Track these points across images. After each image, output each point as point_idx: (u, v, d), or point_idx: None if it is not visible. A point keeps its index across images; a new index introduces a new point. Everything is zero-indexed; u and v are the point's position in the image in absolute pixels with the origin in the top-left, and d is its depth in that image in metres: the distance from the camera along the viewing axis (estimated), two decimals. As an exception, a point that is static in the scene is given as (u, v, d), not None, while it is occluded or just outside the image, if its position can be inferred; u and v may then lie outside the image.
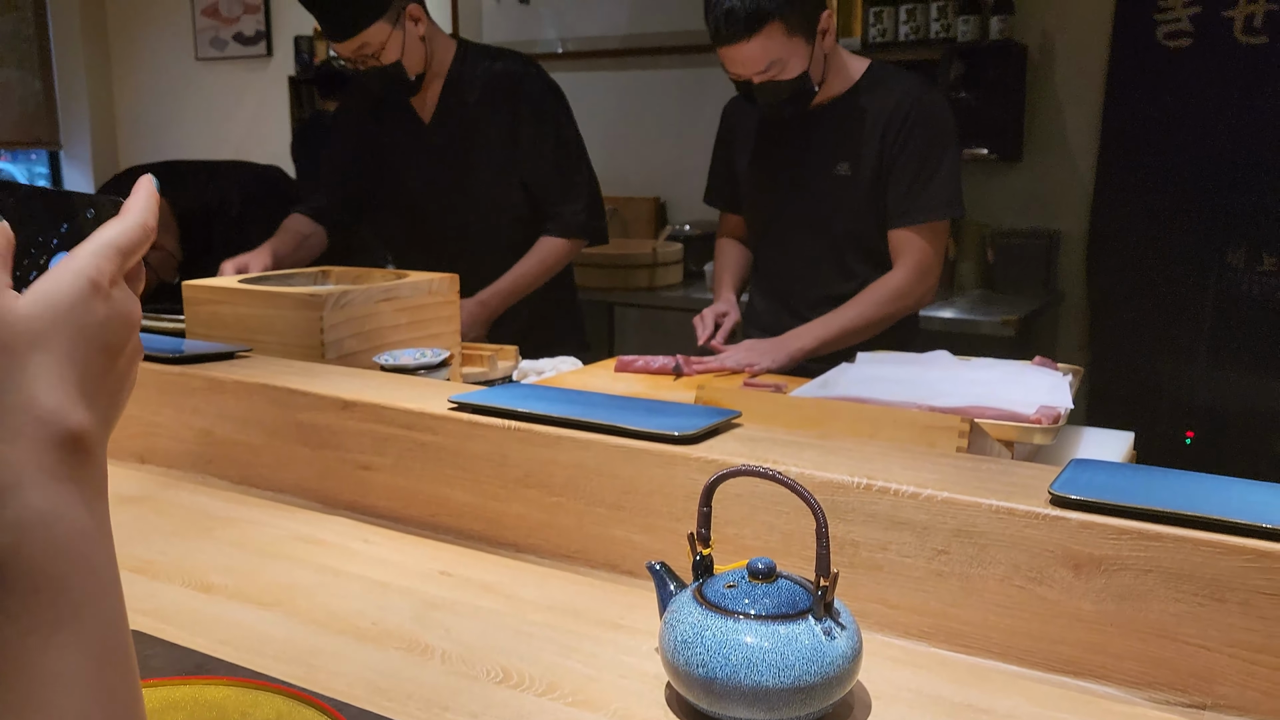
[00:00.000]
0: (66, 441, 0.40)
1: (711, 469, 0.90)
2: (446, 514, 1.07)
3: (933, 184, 1.84)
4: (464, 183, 2.23)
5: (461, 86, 2.20)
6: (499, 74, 2.20)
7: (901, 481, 0.84)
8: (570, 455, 0.98)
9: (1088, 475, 0.82)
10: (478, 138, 2.20)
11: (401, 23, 2.06)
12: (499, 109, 2.19)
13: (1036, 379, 1.39)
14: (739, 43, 1.72)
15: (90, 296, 0.42)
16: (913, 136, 1.84)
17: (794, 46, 1.75)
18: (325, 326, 1.48)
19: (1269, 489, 0.79)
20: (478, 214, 2.25)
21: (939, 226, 1.88)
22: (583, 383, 1.65)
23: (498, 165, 2.21)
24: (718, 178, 2.16)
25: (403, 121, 2.25)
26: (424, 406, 1.08)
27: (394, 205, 2.33)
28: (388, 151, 2.28)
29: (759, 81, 1.78)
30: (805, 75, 1.79)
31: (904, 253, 1.87)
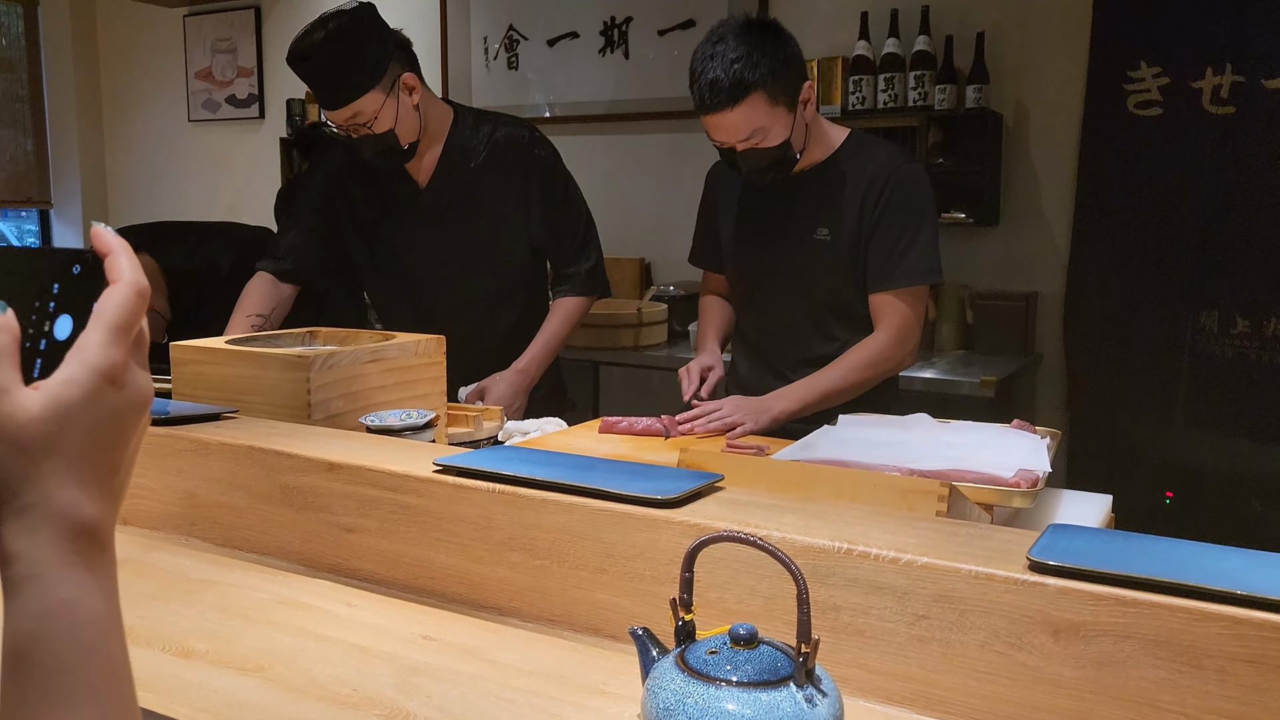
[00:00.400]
0: (82, 533, 0.42)
1: (694, 533, 0.91)
2: (430, 577, 1.07)
3: (913, 250, 1.88)
4: (467, 246, 2.24)
5: (463, 151, 2.21)
6: (504, 139, 2.22)
7: (882, 546, 0.85)
8: (555, 519, 0.99)
9: (1065, 540, 0.83)
10: (483, 201, 2.21)
11: (395, 92, 2.08)
12: (508, 172, 2.20)
13: (1015, 442, 1.40)
14: (722, 111, 1.76)
15: (103, 390, 0.43)
16: (892, 204, 1.88)
17: (776, 116, 1.79)
18: (312, 388, 1.48)
19: (1243, 555, 0.81)
20: (482, 276, 2.27)
21: (919, 291, 1.92)
22: (567, 444, 1.66)
23: (507, 227, 2.23)
24: (702, 240, 2.20)
25: (396, 185, 2.24)
26: (409, 469, 1.08)
27: (386, 268, 2.32)
28: (379, 214, 2.28)
29: (742, 149, 1.82)
30: (787, 143, 1.84)
31: (884, 316, 1.91)
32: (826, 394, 1.86)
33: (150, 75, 6.01)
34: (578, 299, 2.27)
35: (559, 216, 2.24)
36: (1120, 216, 3.52)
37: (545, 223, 2.23)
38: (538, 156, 2.22)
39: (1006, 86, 3.65)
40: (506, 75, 4.81)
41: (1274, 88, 3.29)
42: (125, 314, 0.45)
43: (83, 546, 0.42)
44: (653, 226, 4.48)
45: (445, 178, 2.22)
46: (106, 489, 0.43)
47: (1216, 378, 3.47)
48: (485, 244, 2.24)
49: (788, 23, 4.17)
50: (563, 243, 2.25)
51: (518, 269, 2.28)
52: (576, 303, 2.27)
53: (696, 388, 1.93)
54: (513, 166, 2.21)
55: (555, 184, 2.24)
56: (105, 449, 0.43)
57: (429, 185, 2.23)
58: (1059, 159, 3.64)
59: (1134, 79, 3.49)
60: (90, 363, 0.43)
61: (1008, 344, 3.60)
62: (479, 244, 2.24)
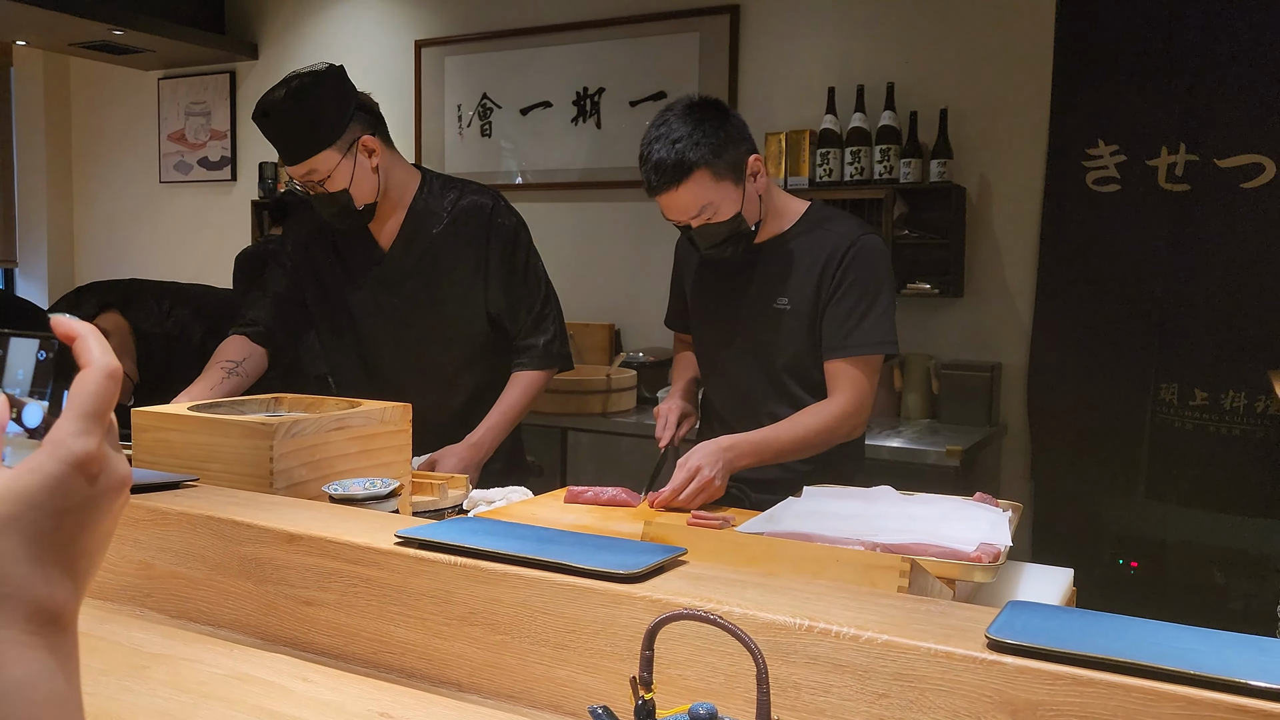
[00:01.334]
0: (40, 614, 0.41)
1: (656, 609, 0.91)
2: (390, 651, 1.06)
3: (867, 319, 1.92)
4: (426, 313, 2.23)
5: (425, 216, 2.22)
6: (468, 206, 2.23)
7: (843, 623, 0.85)
8: (515, 593, 0.98)
9: (1024, 618, 0.84)
10: (442, 267, 2.22)
11: (353, 153, 2.10)
12: (469, 240, 2.21)
13: (977, 515, 1.42)
14: (669, 191, 1.81)
15: (73, 479, 0.43)
16: (849, 273, 1.92)
17: (723, 191, 1.84)
18: (275, 456, 1.47)
19: (1199, 635, 0.81)
20: (441, 344, 2.25)
21: (873, 361, 1.94)
22: (531, 514, 1.65)
23: (464, 295, 2.23)
24: (675, 305, 2.26)
25: (359, 249, 2.25)
26: (370, 541, 1.07)
27: (344, 333, 2.31)
28: (341, 278, 2.28)
29: (695, 225, 1.86)
30: (739, 217, 1.88)
31: (840, 384, 1.93)
32: (781, 450, 1.88)
33: (123, 136, 6.03)
34: (535, 373, 2.25)
35: (517, 287, 2.24)
36: (1081, 290, 3.60)
37: (503, 292, 2.23)
38: (500, 225, 2.23)
39: (970, 161, 3.74)
40: (479, 143, 4.87)
41: (1227, 166, 3.39)
42: (99, 401, 0.45)
43: (41, 626, 0.41)
44: (622, 293, 4.52)
45: (407, 243, 2.22)
46: (71, 571, 0.43)
47: (1177, 450, 3.52)
48: (444, 311, 2.23)
49: (756, 96, 4.29)
50: (519, 314, 2.25)
51: (477, 338, 2.27)
52: (534, 376, 2.25)
53: (673, 434, 1.96)
54: (474, 234, 2.21)
55: (516, 253, 2.24)
56: (72, 532, 0.43)
57: (391, 250, 2.23)
58: (1021, 232, 3.72)
59: (1092, 156, 3.59)
60: (63, 455, 0.43)
61: (973, 414, 3.64)
62: (438, 311, 2.23)
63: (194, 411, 1.59)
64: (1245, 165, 3.37)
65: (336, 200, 2.11)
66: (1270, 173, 3.33)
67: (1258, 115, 3.32)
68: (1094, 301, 3.58)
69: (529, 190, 4.74)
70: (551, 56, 4.63)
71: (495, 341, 2.29)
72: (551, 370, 2.28)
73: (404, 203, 2.23)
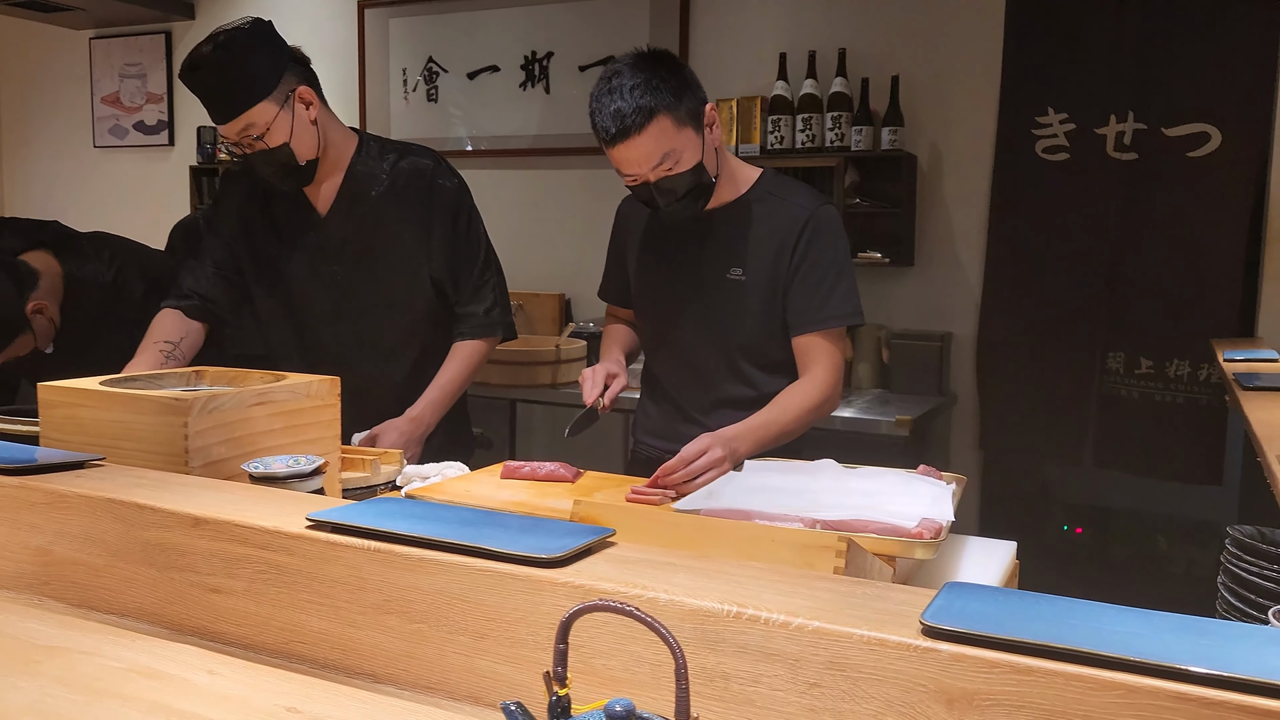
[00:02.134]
0: None
1: (579, 595, 0.86)
2: (301, 642, 1.00)
3: (837, 291, 1.87)
4: (366, 279, 2.16)
5: (364, 179, 2.14)
6: (408, 168, 2.15)
7: (774, 609, 0.80)
8: (432, 580, 0.93)
9: (961, 602, 0.80)
10: (383, 232, 2.14)
11: (290, 104, 2.01)
12: (410, 204, 2.13)
13: (920, 489, 1.38)
14: (630, 139, 1.73)
15: None
16: (814, 246, 1.86)
17: (685, 138, 1.77)
18: (190, 433, 1.40)
19: (1141, 618, 0.78)
20: (382, 311, 2.18)
21: (842, 333, 1.91)
22: (466, 490, 1.60)
23: (406, 261, 2.15)
24: (612, 276, 2.16)
25: (295, 214, 2.17)
26: (279, 525, 1.01)
27: (281, 302, 2.23)
28: (276, 245, 2.20)
29: (655, 178, 1.79)
30: (701, 167, 1.81)
31: (816, 358, 1.88)
32: (780, 435, 1.81)
33: (54, 99, 5.81)
34: (475, 342, 2.18)
35: (459, 251, 2.17)
36: (1030, 259, 3.59)
37: (445, 257, 2.16)
38: (441, 187, 2.15)
39: (921, 129, 3.71)
40: (426, 108, 4.75)
41: (1174, 135, 3.40)
42: None
43: None
44: (573, 262, 4.45)
45: (346, 207, 2.14)
46: None
47: (1123, 418, 3.54)
48: (385, 278, 2.16)
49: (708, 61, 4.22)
50: (460, 280, 2.18)
51: (419, 305, 2.19)
52: (474, 346, 2.18)
53: (600, 392, 1.86)
54: (415, 197, 2.13)
55: (459, 217, 2.17)
56: None
57: (329, 214, 2.15)
58: (971, 201, 3.70)
59: (1042, 124, 3.57)
60: None
61: (923, 384, 3.63)
62: (379, 278, 2.16)
63: (105, 386, 1.51)
64: (1192, 134, 3.38)
65: (277, 156, 2.02)
66: (1216, 142, 3.34)
67: (1205, 85, 3.32)
68: (1043, 270, 3.58)
69: (477, 157, 4.64)
70: (499, 19, 4.52)
71: (438, 310, 2.22)
72: (493, 339, 2.21)
73: (341, 165, 2.14)
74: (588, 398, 1.84)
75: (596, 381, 1.86)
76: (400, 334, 2.20)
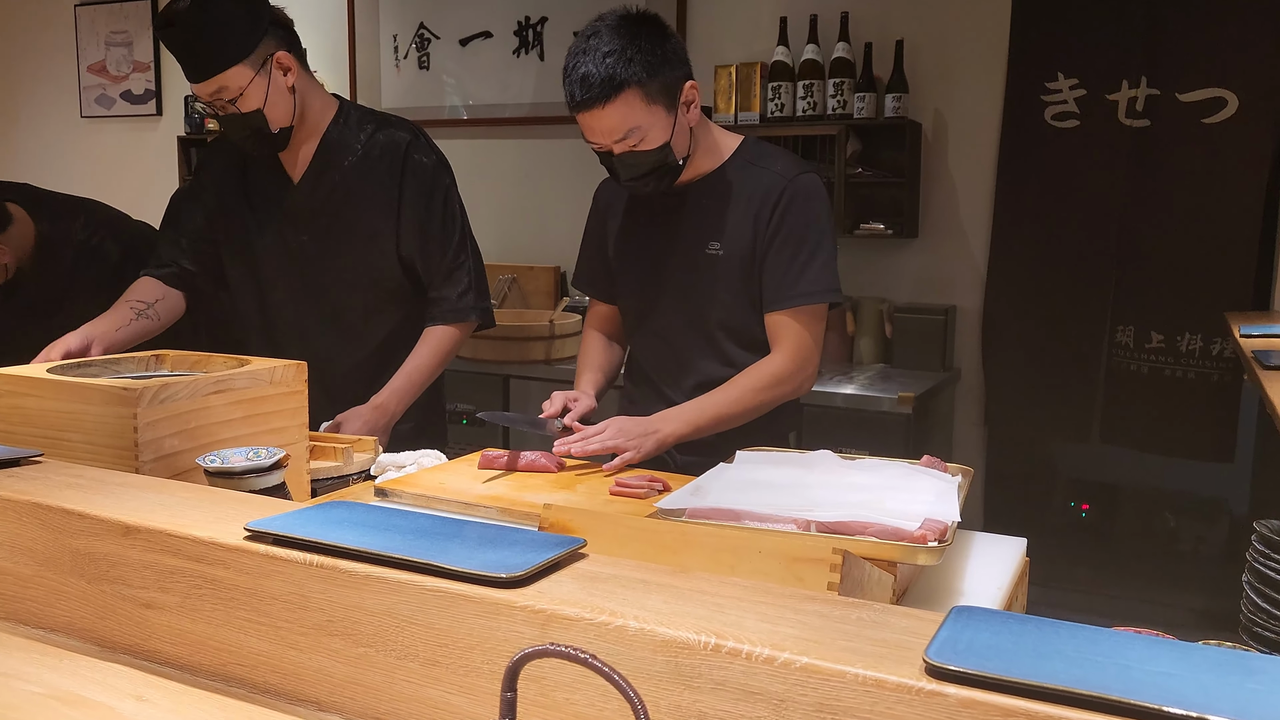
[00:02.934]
0: None
1: (539, 621, 0.77)
2: (240, 664, 0.91)
3: (810, 268, 1.77)
4: (334, 252, 2.08)
5: (338, 147, 2.06)
6: (384, 140, 2.07)
7: (756, 641, 0.71)
8: (379, 599, 0.83)
9: (970, 633, 0.70)
10: (353, 204, 2.06)
11: (267, 70, 1.94)
12: (381, 177, 2.05)
13: (923, 484, 1.29)
14: (595, 109, 1.64)
15: None
16: (788, 218, 1.76)
17: (654, 116, 1.67)
18: (139, 425, 1.30)
19: (1175, 652, 0.68)
20: (348, 287, 2.10)
21: (817, 311, 1.80)
22: (439, 483, 1.50)
23: (374, 235, 2.07)
24: (587, 262, 2.05)
25: (269, 179, 2.09)
26: (215, 535, 0.92)
27: (247, 269, 2.15)
28: (249, 212, 2.12)
29: (619, 151, 1.69)
30: (667, 147, 1.71)
31: (782, 338, 1.79)
32: (719, 417, 1.73)
33: (39, 68, 5.68)
34: (446, 328, 2.09)
35: (432, 231, 2.08)
36: (1038, 230, 3.49)
37: (416, 236, 2.07)
38: (416, 162, 2.06)
39: (925, 96, 3.59)
40: (417, 76, 4.62)
41: (1188, 101, 3.27)
42: None
43: None
44: (569, 234, 4.31)
45: (318, 175, 2.07)
46: None
47: (1132, 393, 3.45)
48: (352, 252, 2.08)
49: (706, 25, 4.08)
50: (432, 261, 2.09)
51: (386, 283, 2.10)
52: (444, 333, 2.08)
53: (556, 413, 1.77)
54: (387, 171, 2.05)
55: (434, 194, 2.07)
56: None
57: (300, 182, 2.07)
58: (977, 170, 3.59)
59: (1051, 90, 3.45)
60: None
61: (926, 359, 3.54)
62: (343, 252, 2.08)
63: (53, 374, 1.41)
64: (1207, 100, 3.26)
65: (249, 123, 1.95)
66: (1232, 107, 3.22)
67: (1220, 48, 3.19)
68: (1051, 242, 3.48)
69: (471, 126, 4.52)
70: (491, -17, 4.39)
71: (407, 289, 2.13)
72: (465, 325, 2.12)
73: (318, 133, 2.07)
74: (544, 414, 1.76)
75: (554, 404, 1.78)
76: (363, 312, 2.12)
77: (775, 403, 1.79)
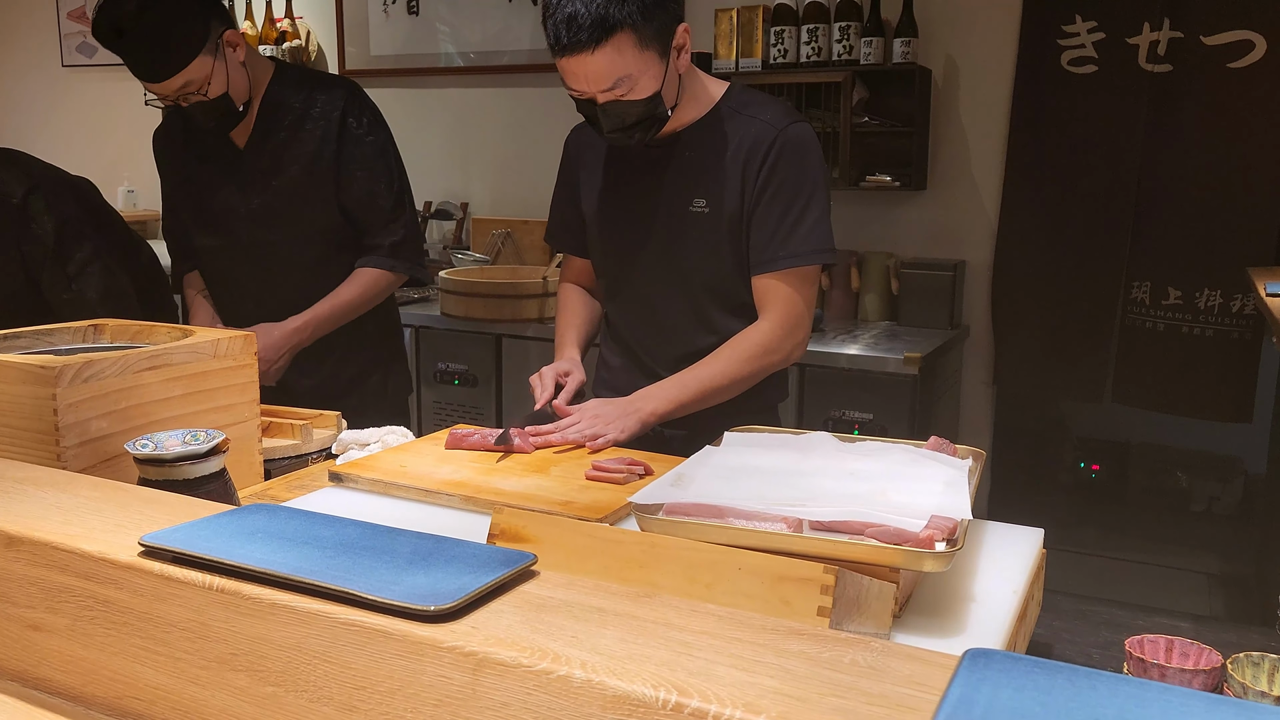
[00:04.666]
0: None
1: (469, 665, 0.64)
2: (136, 697, 0.79)
3: (800, 226, 1.62)
4: (277, 208, 2.10)
5: (277, 109, 2.10)
6: (322, 97, 2.10)
7: (726, 699, 0.58)
8: (286, 632, 0.71)
9: (988, 690, 0.58)
10: (291, 160, 2.08)
11: (221, 53, 1.96)
12: (320, 134, 2.09)
13: (931, 472, 1.16)
14: (582, 54, 1.48)
15: None
16: (777, 172, 1.61)
17: (646, 62, 1.51)
18: (60, 406, 1.17)
19: (1240, 714, 0.56)
20: (296, 241, 2.13)
21: (808, 273, 1.66)
22: (400, 466, 1.38)
23: (314, 189, 2.10)
24: (560, 215, 1.90)
25: (217, 147, 2.12)
26: (107, 549, 0.79)
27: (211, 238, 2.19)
28: (205, 183, 2.15)
29: (604, 101, 1.53)
30: (657, 97, 1.55)
31: (770, 303, 1.65)
32: (703, 392, 1.60)
33: (17, 14, 5.48)
34: (376, 271, 2.13)
35: (367, 181, 2.12)
36: (1051, 182, 3.34)
37: (353, 187, 2.11)
38: (353, 119, 2.10)
39: (936, 41, 3.41)
40: (407, 22, 4.44)
41: (1213, 44, 3.10)
42: None
43: None
44: (562, 187, 4.18)
45: (262, 138, 2.11)
46: None
47: (1147, 352, 3.32)
48: (297, 208, 2.12)
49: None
50: (370, 210, 2.12)
51: (333, 236, 2.14)
52: (375, 275, 2.13)
53: (551, 396, 1.64)
54: (326, 127, 2.09)
55: (369, 150, 2.11)
56: None
57: (247, 145, 2.10)
58: (990, 119, 3.42)
59: (1068, 34, 3.28)
60: None
61: (934, 315, 3.40)
62: (291, 208, 2.12)
63: (-30, 349, 1.28)
64: (1233, 43, 3.08)
65: (218, 107, 1.98)
66: (1260, 50, 3.04)
67: (1250, -13, 3.01)
68: (1065, 194, 3.33)
69: (464, 74, 4.35)
70: (483, -79, 4.18)
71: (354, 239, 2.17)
72: (396, 274, 2.15)
73: (258, 96, 2.10)
74: (539, 403, 1.62)
75: (546, 384, 1.64)
76: (315, 267, 2.15)
77: (764, 373, 1.66)
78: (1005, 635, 0.95)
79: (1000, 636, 0.95)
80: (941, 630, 0.96)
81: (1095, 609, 1.36)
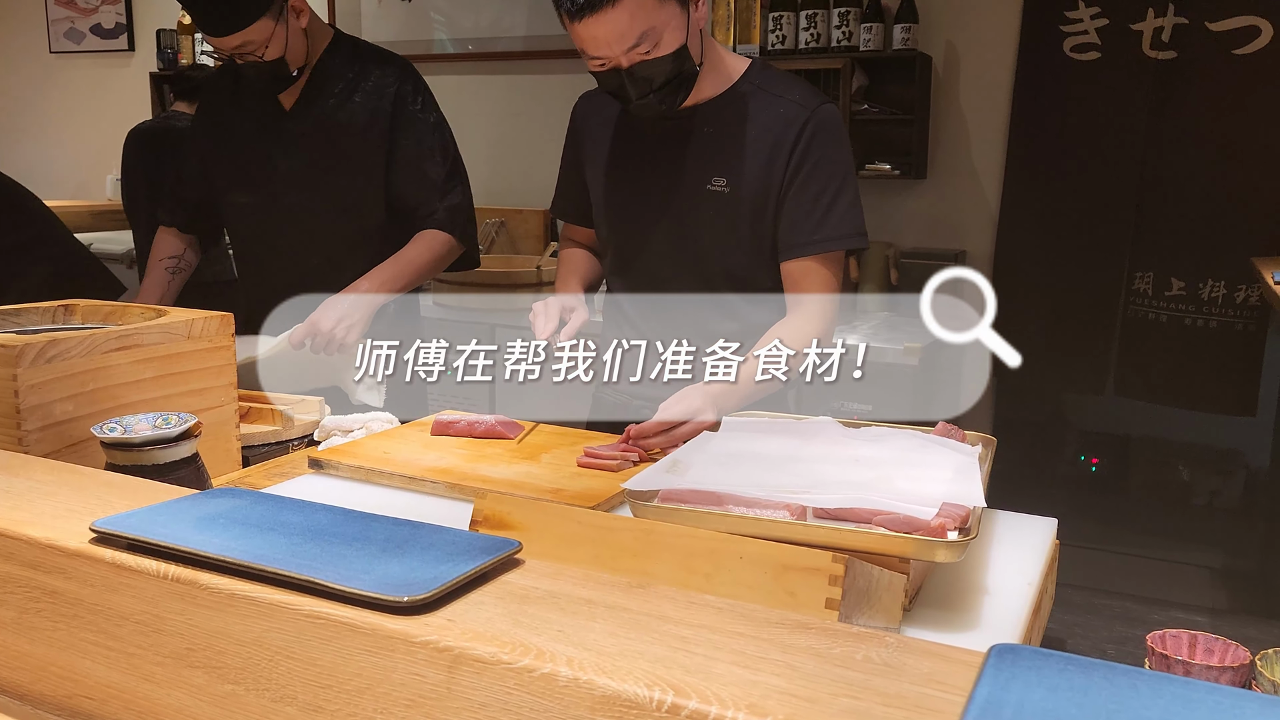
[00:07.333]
0: None
1: (444, 662, 0.58)
2: (87, 695, 0.73)
3: (837, 207, 1.56)
4: (315, 174, 2.09)
5: (329, 76, 2.08)
6: (375, 74, 2.08)
7: (728, 699, 0.52)
8: (246, 625, 0.65)
9: (1019, 690, 0.52)
10: (335, 127, 2.07)
11: (284, 18, 1.96)
12: (371, 108, 2.07)
13: (940, 458, 1.10)
14: (601, 11, 1.40)
15: None
16: (812, 152, 1.55)
17: (667, 13, 1.44)
18: (21, 388, 1.11)
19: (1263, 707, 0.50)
20: (331, 211, 2.09)
21: (840, 258, 1.60)
22: (383, 453, 1.32)
23: (361, 165, 2.07)
24: (567, 188, 1.83)
25: (263, 109, 2.10)
26: (55, 535, 0.73)
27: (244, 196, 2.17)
28: (244, 140, 2.13)
29: (629, 64, 1.46)
30: (684, 50, 1.48)
31: (811, 287, 1.57)
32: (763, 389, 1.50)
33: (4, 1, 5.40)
34: (439, 233, 2.06)
35: (422, 159, 2.08)
36: (1053, 170, 3.29)
37: (406, 162, 2.07)
38: (410, 99, 2.07)
39: (936, 27, 3.36)
40: (400, 8, 4.38)
41: (1219, 30, 3.04)
42: None
43: None
44: (557, 176, 4.12)
45: (309, 103, 2.08)
46: None
47: (1149, 343, 3.27)
48: (335, 177, 2.08)
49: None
50: (423, 185, 2.07)
51: (371, 217, 2.09)
52: (439, 236, 2.05)
53: (555, 327, 1.53)
54: (379, 103, 2.06)
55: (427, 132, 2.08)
56: None
57: (294, 108, 2.09)
58: (991, 106, 3.37)
59: (1071, 20, 3.23)
60: None
61: (934, 307, 3.34)
62: (329, 176, 2.08)
63: (-71, 329, 1.22)
64: (1239, 29, 3.03)
65: (271, 69, 1.98)
66: (1267, 36, 2.99)
67: (1255, -30, 2.96)
68: (1067, 183, 3.28)
69: (458, 62, 4.29)
70: (479, -96, 4.12)
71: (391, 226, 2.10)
72: (455, 240, 2.08)
73: (313, 61, 2.08)
74: (540, 333, 1.53)
75: (550, 315, 1.54)
76: (347, 242, 2.10)
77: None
78: (1021, 629, 0.90)
79: (1016, 631, 0.89)
80: (952, 624, 0.91)
81: (1107, 602, 1.31)
